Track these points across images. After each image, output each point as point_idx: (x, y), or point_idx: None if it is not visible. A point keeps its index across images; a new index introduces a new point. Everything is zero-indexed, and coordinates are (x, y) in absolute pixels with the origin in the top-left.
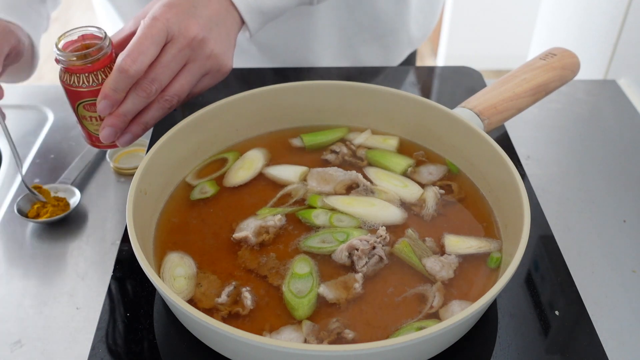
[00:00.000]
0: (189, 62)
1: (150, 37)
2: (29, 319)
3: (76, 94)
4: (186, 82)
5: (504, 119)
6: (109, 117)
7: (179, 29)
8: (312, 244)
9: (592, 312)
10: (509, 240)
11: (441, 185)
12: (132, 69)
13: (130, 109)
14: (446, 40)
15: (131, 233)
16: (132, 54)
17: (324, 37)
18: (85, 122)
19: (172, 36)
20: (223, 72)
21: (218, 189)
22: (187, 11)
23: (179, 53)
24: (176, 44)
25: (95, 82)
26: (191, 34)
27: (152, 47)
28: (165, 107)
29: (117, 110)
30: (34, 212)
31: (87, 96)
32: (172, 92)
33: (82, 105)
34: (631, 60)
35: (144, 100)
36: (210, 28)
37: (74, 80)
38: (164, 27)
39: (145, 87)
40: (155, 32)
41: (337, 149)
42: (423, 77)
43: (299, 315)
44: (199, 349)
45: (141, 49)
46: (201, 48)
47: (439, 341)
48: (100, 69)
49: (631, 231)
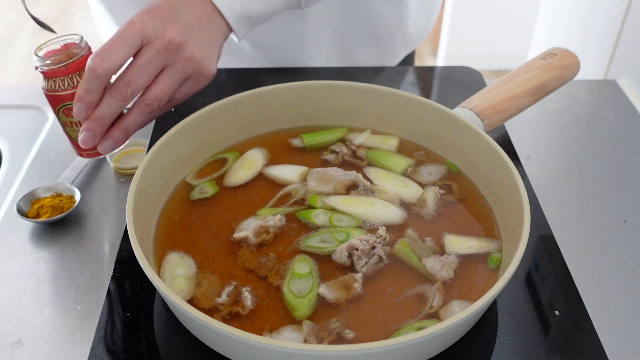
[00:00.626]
0: (168, 65)
1: (123, 39)
2: (29, 319)
3: (56, 99)
4: (166, 86)
5: (504, 119)
6: (87, 121)
7: (156, 32)
8: (312, 244)
9: (592, 312)
10: (509, 240)
11: (441, 185)
12: (100, 67)
13: (107, 112)
14: (446, 40)
15: (131, 233)
16: (102, 53)
17: (318, 39)
18: (68, 128)
19: (149, 39)
20: (206, 77)
21: (218, 189)
22: (166, 16)
23: (155, 56)
24: (152, 47)
25: (71, 85)
26: (168, 37)
27: (124, 47)
28: (145, 111)
29: (94, 114)
30: (34, 212)
31: (66, 100)
32: (151, 96)
33: (62, 111)
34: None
35: (119, 103)
36: (190, 32)
37: (51, 85)
38: (139, 30)
39: (120, 90)
40: (129, 34)
41: (337, 149)
42: (423, 77)
43: (299, 315)
44: (199, 349)
45: (112, 49)
46: (179, 51)
47: (439, 341)
48: (76, 72)
49: (631, 231)
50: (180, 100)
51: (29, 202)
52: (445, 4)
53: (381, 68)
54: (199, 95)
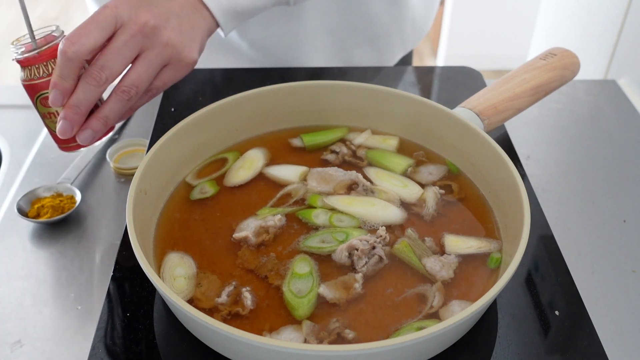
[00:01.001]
0: (144, 50)
1: (95, 22)
2: (29, 319)
3: (32, 88)
4: (143, 71)
5: (504, 119)
6: (63, 110)
7: (129, 16)
8: (312, 244)
9: (592, 312)
10: (508, 240)
11: (441, 185)
12: (70, 50)
13: (82, 99)
14: (446, 40)
15: (131, 233)
16: (73, 36)
17: (316, 39)
18: (47, 120)
19: (122, 23)
20: (185, 64)
21: (218, 189)
22: (143, 2)
23: (130, 40)
24: (126, 30)
25: (45, 72)
26: (142, 20)
27: (96, 30)
28: (123, 98)
29: (70, 101)
30: (34, 212)
31: (43, 88)
32: (129, 82)
33: (39, 100)
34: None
35: (94, 89)
36: (167, 18)
37: (27, 74)
38: (112, 13)
39: (94, 75)
40: (102, 18)
41: (337, 149)
42: (423, 77)
43: (299, 315)
44: (199, 349)
45: (83, 32)
46: (155, 35)
47: (439, 341)
48: (52, 59)
49: (631, 231)
50: (160, 88)
51: (29, 202)
52: (445, 4)
53: (381, 68)
54: (199, 95)
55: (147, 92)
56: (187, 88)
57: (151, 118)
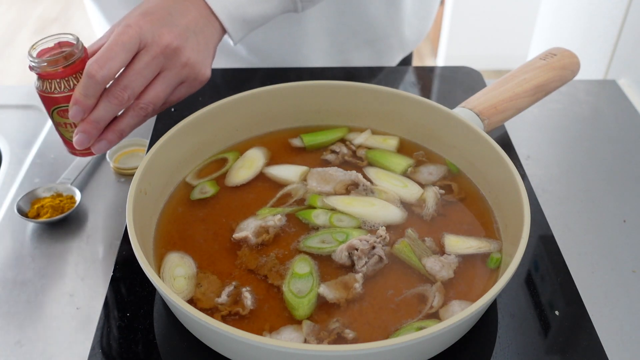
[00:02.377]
0: (164, 70)
1: (120, 44)
2: (29, 319)
3: (50, 100)
4: (161, 90)
5: (504, 119)
6: (82, 124)
7: (152, 37)
8: (312, 244)
9: (592, 312)
10: (508, 240)
11: (441, 185)
12: (99, 74)
13: (103, 116)
14: (446, 40)
15: (131, 233)
16: (100, 59)
17: (314, 42)
18: (61, 128)
19: (145, 44)
20: (200, 81)
21: (218, 189)
22: (162, 19)
23: (152, 60)
24: (149, 52)
25: (67, 87)
26: (164, 42)
27: (122, 53)
28: (140, 115)
29: (89, 117)
30: (34, 212)
31: (61, 102)
32: (147, 99)
33: (56, 112)
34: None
35: (116, 107)
36: (187, 37)
37: (47, 87)
38: (136, 34)
39: (117, 94)
40: (126, 38)
41: (337, 149)
42: (423, 77)
43: (299, 315)
44: (199, 349)
45: (110, 55)
46: (176, 56)
47: (439, 341)
48: (73, 75)
49: (631, 231)
50: (173, 102)
51: (29, 202)
52: (445, 4)
53: (381, 68)
54: (199, 95)
55: (161, 106)
56: None
57: (151, 118)
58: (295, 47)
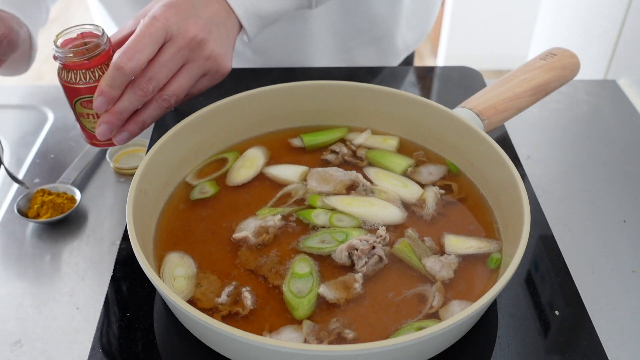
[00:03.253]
0: (188, 62)
1: (148, 36)
2: (29, 319)
3: (74, 91)
4: (185, 82)
5: (504, 119)
6: (105, 115)
7: (178, 29)
8: (312, 244)
9: (592, 312)
10: (508, 240)
11: (441, 185)
12: (127, 66)
13: (127, 107)
14: (446, 40)
15: (131, 233)
16: (129, 51)
17: (319, 40)
18: (83, 119)
19: (171, 36)
20: (222, 74)
21: (218, 189)
22: (187, 11)
23: (177, 53)
24: (175, 44)
25: (92, 78)
26: (190, 34)
27: (150, 45)
28: (163, 106)
29: (114, 108)
30: (34, 212)
31: (85, 93)
32: (170, 91)
33: (79, 102)
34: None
35: (140, 98)
36: (210, 29)
37: (72, 77)
38: (162, 26)
39: (142, 86)
40: (153, 30)
41: (337, 149)
42: (423, 77)
43: (299, 315)
44: (199, 349)
45: (138, 47)
46: (200, 49)
47: (439, 341)
48: (98, 66)
49: (631, 231)
50: (194, 94)
51: (29, 202)
52: (445, 4)
53: (381, 68)
54: (199, 95)
55: (183, 98)
56: None
57: None
58: (300, 46)
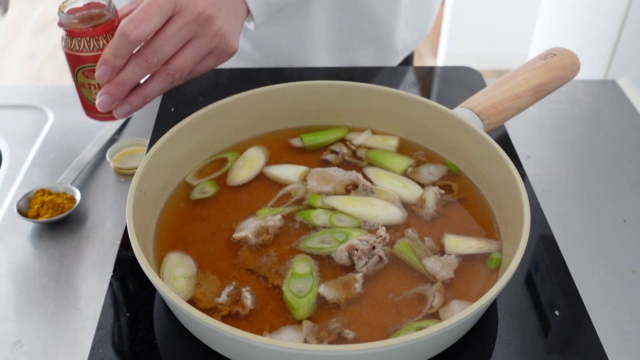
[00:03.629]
0: (195, 37)
1: (156, 6)
2: (29, 319)
3: (76, 59)
4: (190, 57)
5: (504, 119)
6: (107, 85)
7: (187, 3)
8: (312, 245)
9: (592, 312)
10: (508, 240)
11: (441, 185)
12: (133, 33)
13: (130, 78)
14: (446, 40)
15: (131, 233)
16: (136, 19)
17: (318, 39)
18: (84, 90)
19: (180, 9)
20: (228, 53)
21: (218, 189)
22: None
23: (184, 26)
24: (183, 17)
25: (96, 47)
26: (199, 9)
27: (157, 15)
28: (167, 80)
29: (116, 78)
30: (34, 212)
31: (88, 61)
32: (175, 66)
33: (81, 72)
34: (631, 60)
35: (144, 70)
36: (220, 7)
37: (75, 45)
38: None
39: (146, 57)
40: (162, 2)
41: (337, 149)
42: (423, 77)
43: (299, 315)
44: (199, 349)
45: (145, 16)
46: (208, 24)
47: (439, 341)
48: (102, 35)
49: (631, 231)
50: (199, 73)
51: (29, 202)
52: (445, 4)
53: (381, 68)
54: (199, 95)
55: (187, 75)
56: (187, 88)
57: (151, 118)
58: (299, 45)
